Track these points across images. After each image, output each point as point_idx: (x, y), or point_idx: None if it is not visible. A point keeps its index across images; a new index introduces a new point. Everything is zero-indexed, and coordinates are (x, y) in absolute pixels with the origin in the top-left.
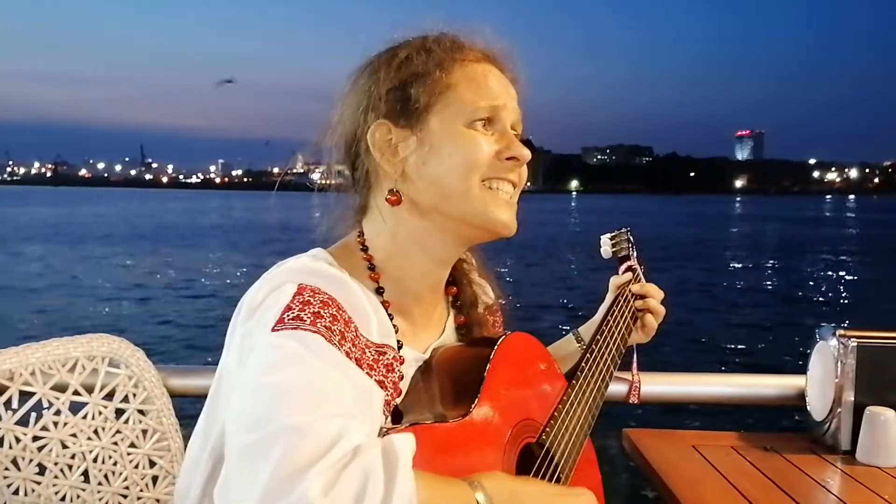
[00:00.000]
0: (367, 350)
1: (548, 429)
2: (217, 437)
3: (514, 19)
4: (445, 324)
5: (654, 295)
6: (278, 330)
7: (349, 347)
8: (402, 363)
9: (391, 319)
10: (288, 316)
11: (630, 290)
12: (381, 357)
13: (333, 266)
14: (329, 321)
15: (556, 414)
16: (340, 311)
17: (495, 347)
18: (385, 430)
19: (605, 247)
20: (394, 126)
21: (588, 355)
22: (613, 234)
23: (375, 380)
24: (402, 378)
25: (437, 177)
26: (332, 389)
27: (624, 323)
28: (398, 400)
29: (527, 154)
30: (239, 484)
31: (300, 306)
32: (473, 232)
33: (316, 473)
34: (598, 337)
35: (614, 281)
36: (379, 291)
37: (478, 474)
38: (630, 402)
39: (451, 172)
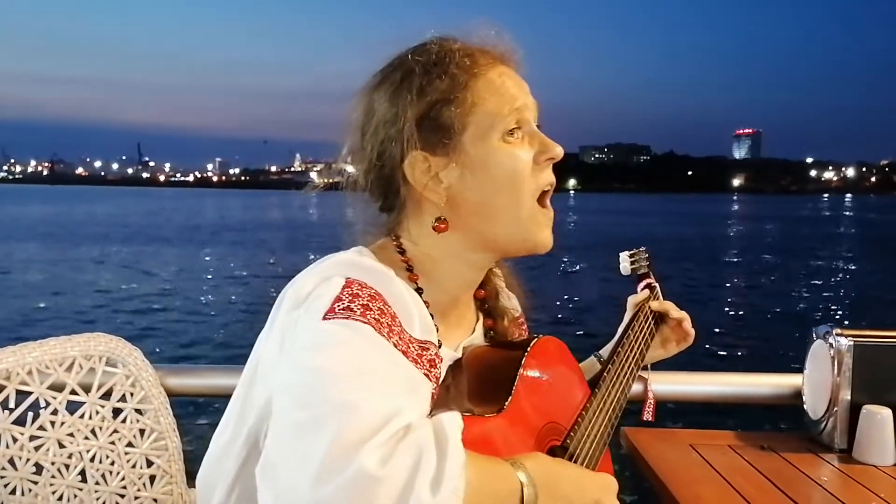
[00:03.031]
0: (411, 345)
1: (572, 433)
2: (253, 424)
3: (513, 18)
4: (475, 326)
5: (674, 311)
6: (329, 318)
7: (396, 340)
8: (441, 361)
9: (432, 319)
10: (338, 306)
11: (649, 307)
12: (424, 353)
13: (378, 262)
14: (377, 314)
15: (579, 419)
16: (386, 306)
17: (528, 349)
18: None
19: (625, 263)
20: (430, 155)
21: (609, 366)
22: (632, 252)
23: (421, 373)
24: (441, 377)
25: (485, 199)
26: (383, 373)
27: (643, 339)
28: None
29: (560, 151)
30: (290, 460)
31: (350, 298)
32: (516, 250)
33: (372, 447)
34: (619, 349)
35: (632, 299)
36: (419, 291)
37: (519, 455)
38: (644, 418)
39: (497, 192)
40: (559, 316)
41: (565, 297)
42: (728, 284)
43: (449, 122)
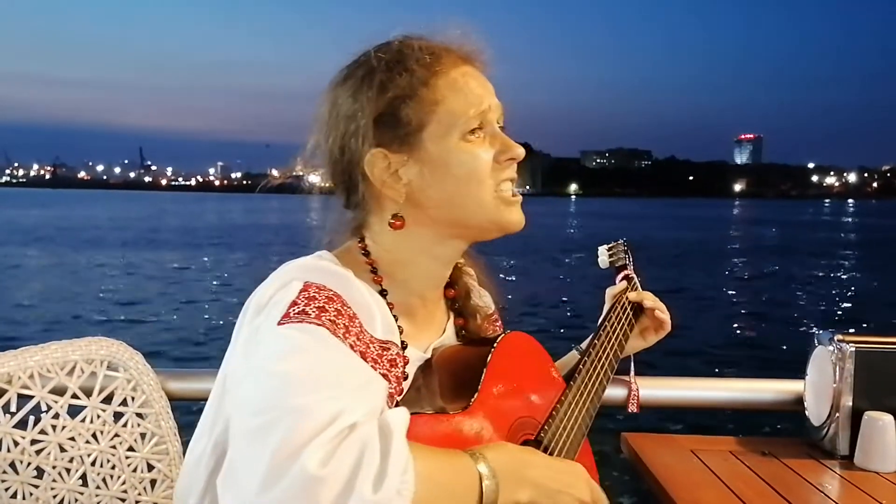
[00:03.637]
0: (370, 345)
1: (546, 426)
2: (221, 433)
3: (513, 20)
4: (446, 325)
5: (648, 300)
6: (284, 323)
7: (353, 341)
8: (406, 363)
9: (395, 320)
10: (293, 310)
11: (627, 298)
12: (384, 353)
13: (338, 265)
14: (333, 315)
15: (553, 413)
16: (345, 307)
17: (494, 345)
18: None
19: (602, 257)
20: (389, 152)
21: (585, 358)
22: (610, 245)
23: (379, 373)
24: (406, 377)
25: (445, 196)
26: (334, 375)
27: (621, 329)
28: (399, 397)
29: (521, 152)
30: (243, 467)
31: (305, 301)
32: (486, 234)
33: (314, 447)
34: (596, 341)
35: (610, 291)
36: (382, 293)
37: (480, 446)
38: (629, 410)
39: (457, 190)
40: (557, 318)
41: (564, 298)
42: (729, 289)
43: (408, 119)
